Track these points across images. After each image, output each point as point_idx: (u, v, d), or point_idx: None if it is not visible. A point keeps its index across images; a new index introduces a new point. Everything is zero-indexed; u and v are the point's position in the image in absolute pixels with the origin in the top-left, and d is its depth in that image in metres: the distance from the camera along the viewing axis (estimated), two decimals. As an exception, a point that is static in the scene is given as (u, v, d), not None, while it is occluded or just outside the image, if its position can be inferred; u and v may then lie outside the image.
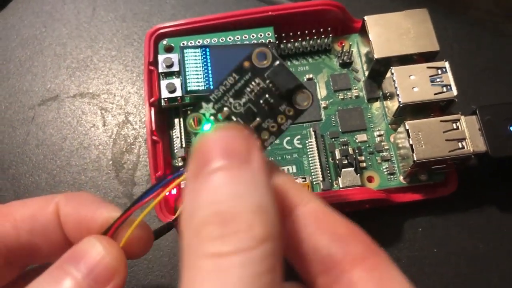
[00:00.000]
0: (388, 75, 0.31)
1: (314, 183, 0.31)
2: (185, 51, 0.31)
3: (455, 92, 0.29)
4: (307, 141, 0.32)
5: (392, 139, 0.32)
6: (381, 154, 0.32)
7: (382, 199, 0.30)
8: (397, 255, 0.31)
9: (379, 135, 0.32)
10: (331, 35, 0.34)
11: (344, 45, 0.34)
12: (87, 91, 0.37)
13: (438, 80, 0.29)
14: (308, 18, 0.33)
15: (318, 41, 0.34)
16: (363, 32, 0.32)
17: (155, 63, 0.32)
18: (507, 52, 0.36)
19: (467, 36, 0.37)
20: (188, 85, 0.31)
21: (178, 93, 0.31)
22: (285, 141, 0.32)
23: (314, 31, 0.33)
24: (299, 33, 0.33)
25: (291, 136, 0.32)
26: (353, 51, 0.34)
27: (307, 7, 0.33)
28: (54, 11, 0.40)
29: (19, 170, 0.35)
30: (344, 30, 0.35)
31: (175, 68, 0.32)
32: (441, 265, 0.31)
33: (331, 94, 0.34)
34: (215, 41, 0.33)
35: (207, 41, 0.33)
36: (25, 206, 0.22)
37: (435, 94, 0.29)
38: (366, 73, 0.34)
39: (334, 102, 0.33)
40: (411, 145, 0.28)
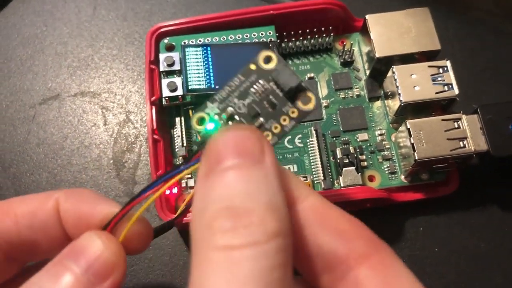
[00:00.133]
0: (389, 74, 0.31)
1: (315, 182, 0.31)
2: (186, 50, 0.31)
3: (456, 91, 0.29)
4: (308, 140, 0.32)
5: (393, 138, 0.32)
6: (382, 153, 0.32)
7: (383, 198, 0.30)
8: (398, 254, 0.30)
9: (380, 134, 0.32)
10: (333, 34, 0.34)
11: (345, 44, 0.34)
12: (88, 90, 0.37)
13: (439, 79, 0.29)
14: (309, 17, 0.33)
15: (319, 40, 0.34)
16: (365, 31, 0.32)
17: (156, 62, 0.32)
18: (508, 51, 0.36)
19: (468, 35, 0.37)
20: (189, 84, 0.31)
21: (179, 92, 0.31)
22: (286, 140, 0.32)
23: (315, 30, 0.33)
24: (300, 32, 0.33)
25: (292, 135, 0.32)
26: (355, 50, 0.34)
27: (308, 6, 0.33)
28: (55, 10, 0.40)
29: (20, 169, 0.35)
30: (345, 29, 0.35)
31: (176, 67, 0.32)
32: (443, 264, 0.31)
33: (332, 93, 0.34)
34: (216, 40, 0.33)
35: (208, 40, 0.33)
36: (25, 202, 0.22)
37: (437, 93, 0.29)
38: (367, 72, 0.33)
39: (335, 101, 0.33)
40: (412, 144, 0.28)
